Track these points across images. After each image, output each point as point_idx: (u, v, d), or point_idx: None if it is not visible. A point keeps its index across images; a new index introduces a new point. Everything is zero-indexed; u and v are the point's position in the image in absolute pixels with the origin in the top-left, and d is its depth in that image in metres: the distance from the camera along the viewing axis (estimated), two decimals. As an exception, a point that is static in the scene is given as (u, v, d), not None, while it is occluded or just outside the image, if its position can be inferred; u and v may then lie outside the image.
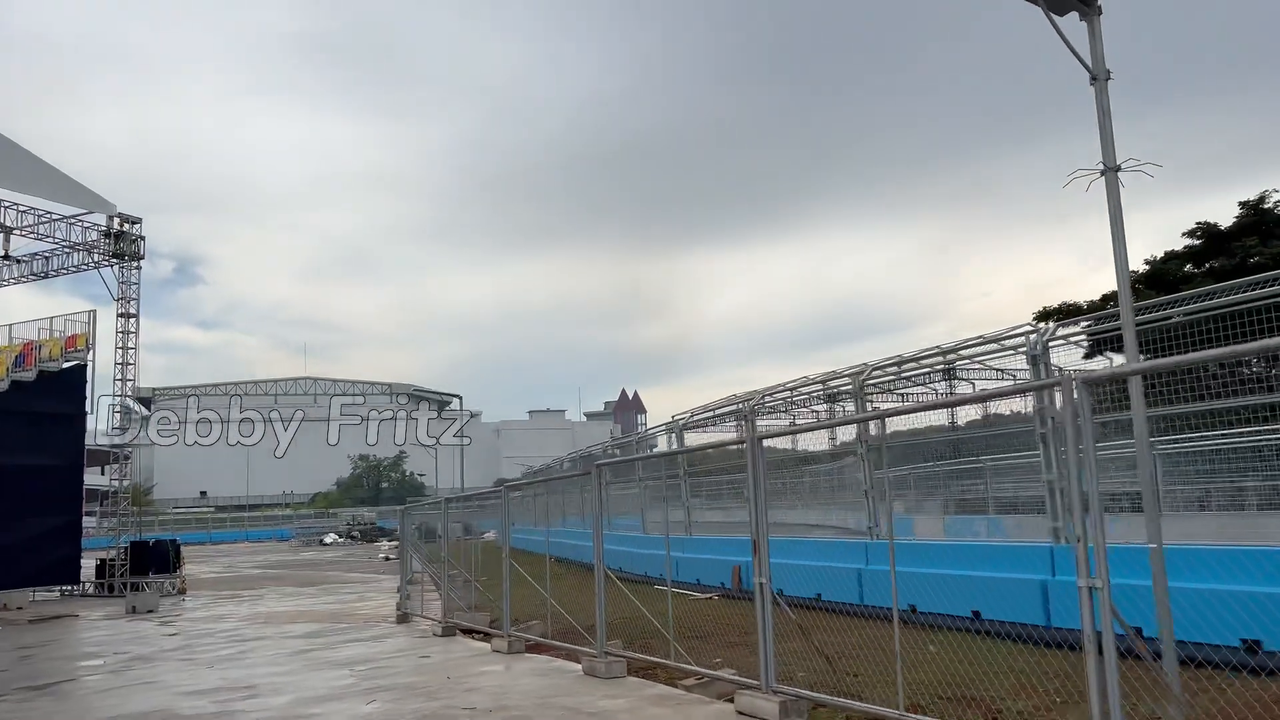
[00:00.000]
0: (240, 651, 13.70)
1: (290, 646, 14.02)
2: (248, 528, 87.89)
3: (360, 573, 33.33)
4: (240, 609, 21.11)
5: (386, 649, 13.31)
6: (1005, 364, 18.49)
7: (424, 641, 13.97)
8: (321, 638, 14.98)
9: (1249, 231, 25.99)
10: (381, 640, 14.35)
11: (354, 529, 68.90)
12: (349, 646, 13.71)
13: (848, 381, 16.75)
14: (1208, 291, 12.55)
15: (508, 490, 12.26)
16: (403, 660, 12.14)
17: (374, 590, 25.25)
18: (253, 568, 39.50)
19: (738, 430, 19.52)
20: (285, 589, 26.75)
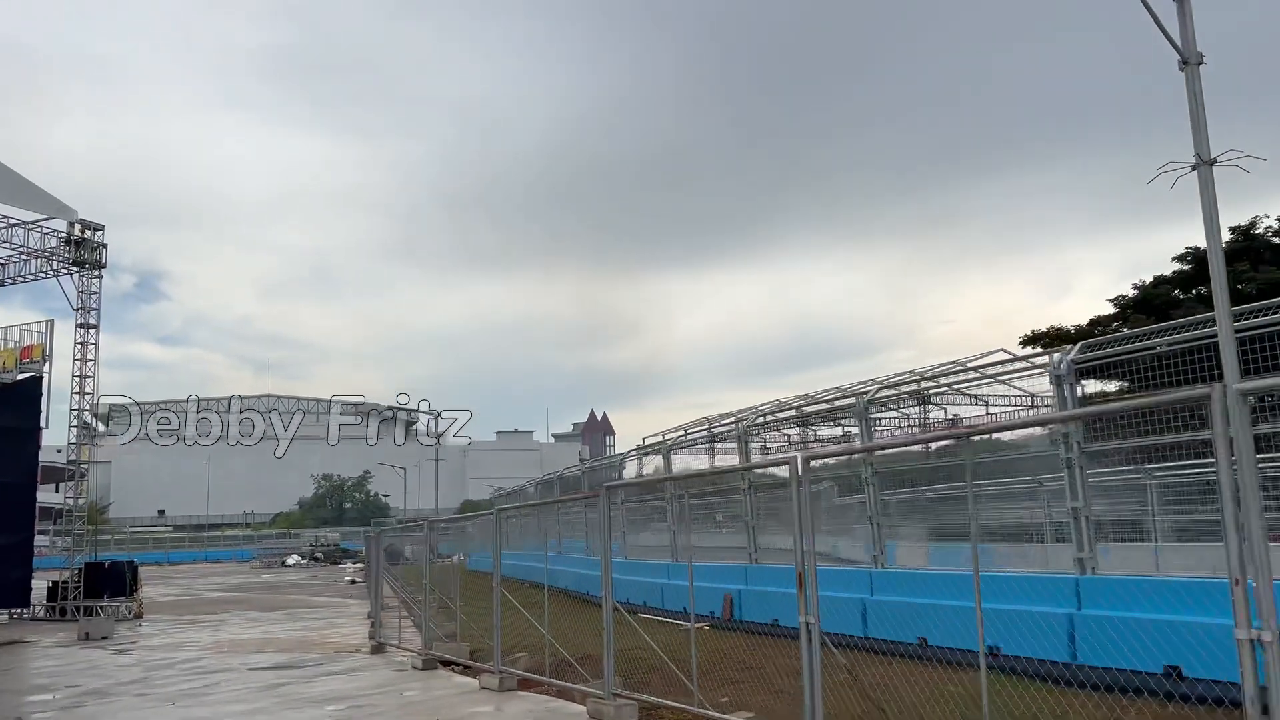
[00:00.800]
0: (204, 686, 12.67)
1: (258, 680, 13.01)
2: (207, 548, 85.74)
3: (326, 596, 32.12)
4: (201, 636, 19.97)
5: (364, 684, 12.34)
6: (980, 390, 18.09)
7: (403, 676, 13.02)
8: (291, 670, 13.97)
9: (1240, 257, 25.76)
10: (357, 674, 13.37)
11: (317, 550, 67.26)
12: (323, 681, 12.74)
13: (852, 400, 16.05)
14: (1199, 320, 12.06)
15: (500, 512, 11.36)
16: (383, 698, 11.20)
17: (342, 616, 24.16)
18: (213, 590, 38.07)
19: (739, 450, 18.73)
20: (248, 614, 25.56)
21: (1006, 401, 19.06)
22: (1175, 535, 16.11)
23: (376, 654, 15.43)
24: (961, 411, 20.27)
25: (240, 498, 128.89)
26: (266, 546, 71.74)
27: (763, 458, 18.36)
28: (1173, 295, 26.60)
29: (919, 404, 20.77)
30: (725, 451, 27.95)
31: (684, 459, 23.68)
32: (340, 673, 13.43)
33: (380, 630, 16.59)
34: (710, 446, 24.32)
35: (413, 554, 36.83)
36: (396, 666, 13.94)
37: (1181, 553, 14.03)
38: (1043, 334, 28.88)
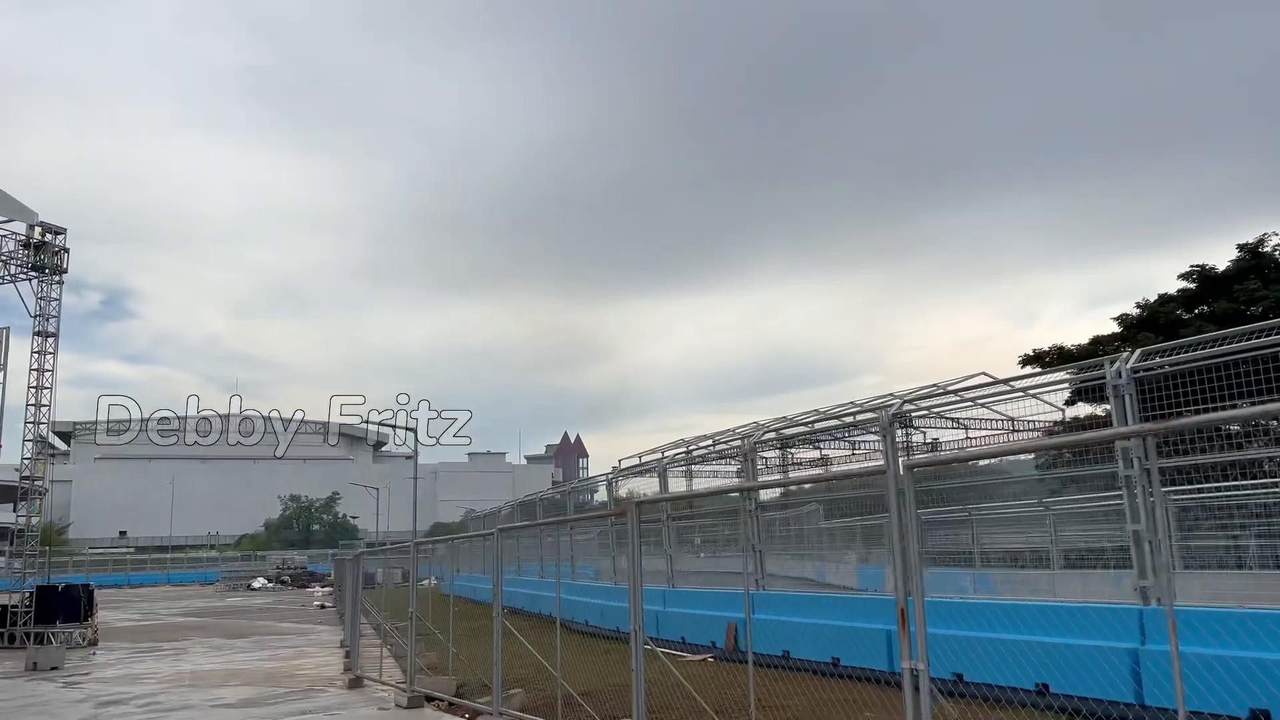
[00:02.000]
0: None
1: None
2: (170, 570, 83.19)
3: (294, 622, 30.54)
4: (160, 666, 18.47)
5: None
6: (960, 414, 17.24)
7: (387, 716, 11.70)
8: (260, 707, 12.61)
9: (1247, 274, 25.03)
10: (335, 714, 12.03)
11: (284, 573, 65.20)
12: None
13: (872, 415, 14.96)
14: (1213, 338, 11.14)
15: (500, 534, 10.12)
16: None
17: (313, 644, 22.67)
18: (175, 615, 36.29)
19: (742, 467, 17.55)
20: (212, 641, 24.01)
21: (989, 426, 18.21)
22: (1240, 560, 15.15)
23: (354, 688, 14.07)
24: (941, 435, 19.39)
25: (205, 519, 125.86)
26: (231, 569, 69.54)
27: (850, 466, 16.85)
28: (1177, 314, 25.81)
29: (902, 426, 19.79)
30: (701, 474, 26.80)
31: (667, 481, 22.39)
32: (315, 712, 12.09)
33: (357, 661, 15.23)
34: (688, 469, 23.23)
35: (383, 577, 35.36)
36: (378, 704, 12.61)
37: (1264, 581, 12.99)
38: (1045, 353, 28.00)
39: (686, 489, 20.72)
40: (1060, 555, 24.22)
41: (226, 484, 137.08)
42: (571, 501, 35.18)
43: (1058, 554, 21.17)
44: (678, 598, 19.44)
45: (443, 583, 33.00)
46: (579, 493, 41.82)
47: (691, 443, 31.93)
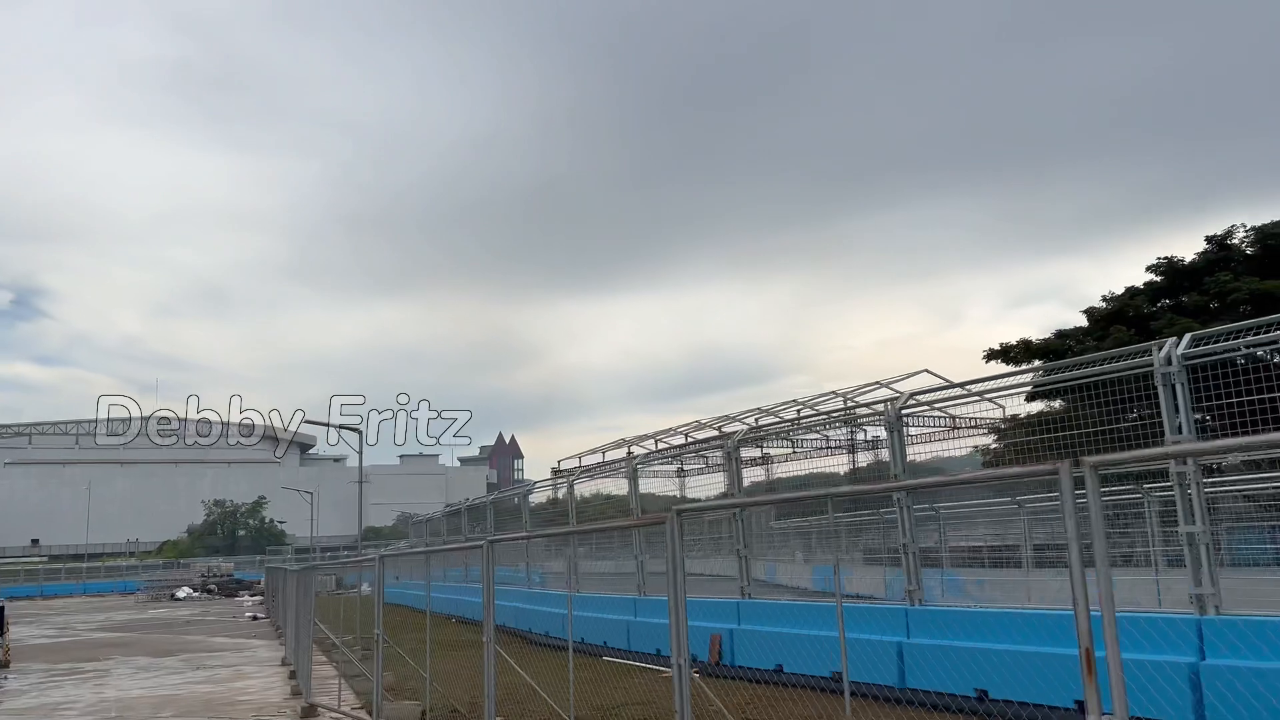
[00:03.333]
0: (87, 774, 9.72)
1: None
2: (86, 580, 79.32)
3: (227, 636, 28.60)
4: (82, 693, 16.66)
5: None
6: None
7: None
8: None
9: (1215, 267, 24.71)
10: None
11: (210, 581, 62.37)
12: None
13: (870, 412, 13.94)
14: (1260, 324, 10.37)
15: (491, 545, 8.79)
16: (336, 792, 8.48)
17: (250, 662, 20.95)
18: (94, 630, 33.93)
19: (727, 464, 16.40)
20: (138, 660, 22.10)
21: (927, 424, 17.58)
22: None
23: (308, 718, 12.56)
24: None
25: (123, 525, 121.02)
26: (153, 578, 66.32)
27: (1019, 468, 15.47)
28: (1148, 308, 25.42)
29: (845, 426, 19.00)
30: (651, 474, 25.67)
31: (638, 482, 21.13)
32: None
33: (309, 685, 13.70)
34: (634, 469, 22.12)
35: (318, 585, 33.35)
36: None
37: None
38: (1011, 347, 27.45)
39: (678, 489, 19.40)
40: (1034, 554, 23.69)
41: (145, 489, 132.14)
42: (525, 504, 33.72)
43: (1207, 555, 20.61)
44: (650, 607, 18.23)
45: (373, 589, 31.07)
46: (517, 495, 40.28)
47: (632, 442, 30.81)
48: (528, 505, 26.45)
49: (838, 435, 18.87)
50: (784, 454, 19.23)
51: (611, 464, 22.73)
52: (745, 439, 16.35)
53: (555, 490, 28.11)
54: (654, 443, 28.73)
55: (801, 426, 16.64)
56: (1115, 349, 11.27)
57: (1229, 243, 25.01)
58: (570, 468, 33.28)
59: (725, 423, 25.65)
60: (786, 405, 20.61)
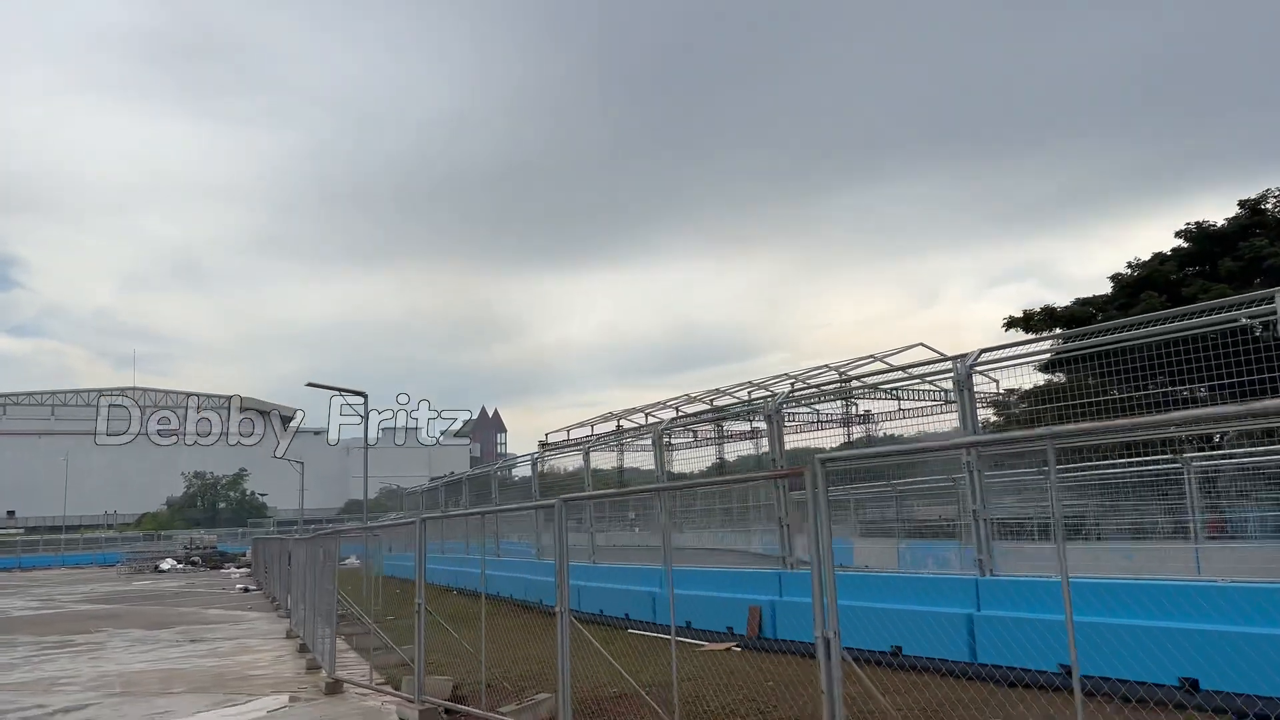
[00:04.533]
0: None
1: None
2: (64, 552, 77.94)
3: (220, 608, 27.64)
4: (78, 667, 15.70)
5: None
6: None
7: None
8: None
9: (1249, 232, 24.00)
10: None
11: (193, 553, 61.24)
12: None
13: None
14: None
15: (564, 504, 7.88)
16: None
17: (252, 635, 20.03)
18: (79, 601, 32.86)
19: (773, 433, 15.55)
20: (132, 633, 21.13)
21: (917, 397, 17.20)
22: None
23: (332, 694, 11.67)
24: (874, 406, 18.17)
25: (101, 497, 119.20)
26: (135, 550, 65.10)
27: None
28: (1176, 275, 24.69)
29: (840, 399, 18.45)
30: (643, 448, 24.90)
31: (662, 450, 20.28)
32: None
33: (332, 662, 12.78)
34: (659, 435, 21.35)
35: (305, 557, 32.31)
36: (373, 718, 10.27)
37: None
38: (1033, 314, 26.70)
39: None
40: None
41: (124, 461, 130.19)
42: (494, 479, 33.18)
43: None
44: (681, 578, 17.39)
45: (370, 563, 30.17)
46: (505, 469, 39.68)
47: (620, 415, 30.03)
48: (536, 477, 25.51)
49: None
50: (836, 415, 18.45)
51: (629, 432, 21.84)
52: (789, 399, 15.50)
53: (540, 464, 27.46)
54: (644, 416, 27.95)
55: (825, 396, 15.82)
56: (1192, 306, 10.43)
57: (1261, 208, 24.32)
58: (557, 441, 32.53)
59: (716, 396, 24.91)
60: (818, 370, 19.85)
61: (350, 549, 34.91)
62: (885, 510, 25.08)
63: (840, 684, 5.21)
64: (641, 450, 24.95)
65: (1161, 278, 24.74)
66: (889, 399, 18.66)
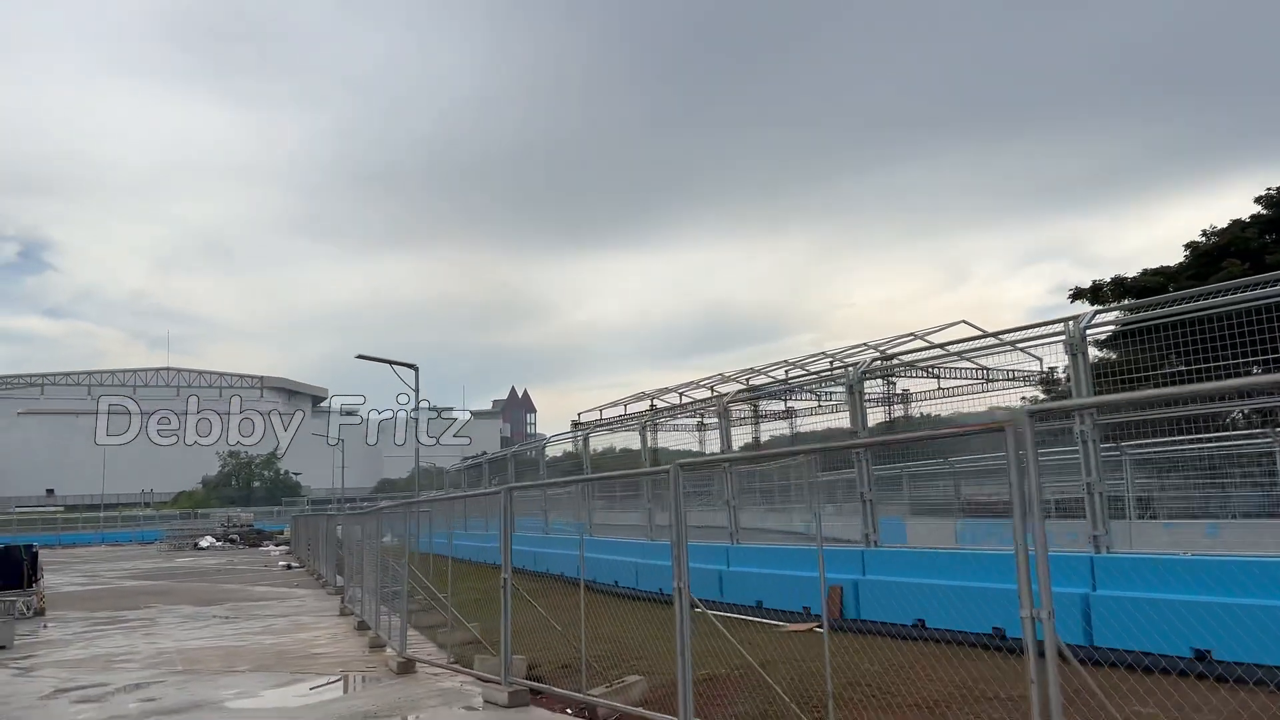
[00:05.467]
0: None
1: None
2: (103, 529, 78.55)
3: (267, 585, 27.31)
4: (134, 643, 15.28)
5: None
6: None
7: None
8: (304, 708, 9.63)
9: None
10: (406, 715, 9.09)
11: (231, 531, 61.38)
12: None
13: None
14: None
15: (680, 469, 7.20)
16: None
17: (304, 612, 19.60)
18: (124, 578, 32.73)
19: (853, 402, 14.79)
20: (181, 609, 20.77)
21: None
22: None
23: (406, 675, 11.11)
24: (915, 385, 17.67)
25: (137, 476, 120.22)
26: (173, 527, 65.35)
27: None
28: (1257, 242, 23.63)
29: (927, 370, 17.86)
30: (675, 428, 24.19)
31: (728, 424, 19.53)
32: (386, 716, 9.09)
33: (404, 641, 12.22)
34: (726, 407, 20.67)
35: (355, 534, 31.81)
36: (462, 701, 9.67)
37: None
38: (1102, 284, 25.70)
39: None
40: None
41: (161, 440, 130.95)
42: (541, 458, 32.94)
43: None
44: (747, 556, 16.74)
45: (416, 541, 29.72)
46: (533, 448, 39.32)
47: (654, 395, 29.31)
48: (588, 452, 24.91)
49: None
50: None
51: (696, 404, 21.14)
52: (872, 370, 14.76)
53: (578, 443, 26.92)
54: (678, 396, 27.24)
55: (920, 368, 15.03)
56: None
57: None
58: (590, 420, 31.93)
59: (751, 375, 24.17)
60: (856, 349, 19.05)
61: (390, 526, 34.51)
62: (938, 488, 24.35)
63: (1056, 675, 4.50)
64: (674, 430, 24.37)
65: (1242, 245, 23.69)
66: (929, 378, 18.04)
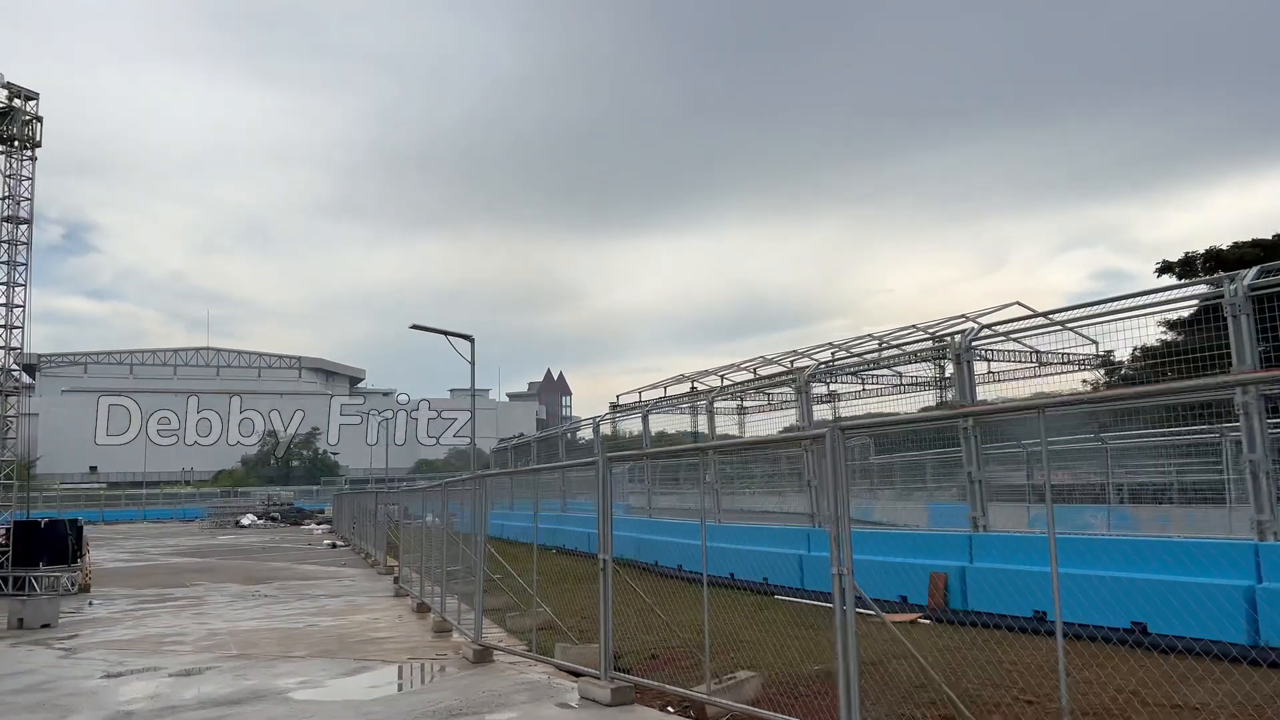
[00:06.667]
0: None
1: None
2: (145, 506, 78.88)
3: (314, 564, 26.55)
4: (183, 624, 14.44)
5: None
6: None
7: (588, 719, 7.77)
8: (379, 701, 8.65)
9: None
10: (502, 715, 8.05)
11: (273, 509, 61.12)
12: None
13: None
14: None
15: (840, 431, 6.08)
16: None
17: (356, 593, 18.72)
18: (169, 554, 32.18)
19: (961, 373, 13.66)
20: (228, 588, 19.98)
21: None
22: None
23: (482, 664, 10.09)
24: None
25: (178, 454, 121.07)
26: (215, 505, 65.26)
27: None
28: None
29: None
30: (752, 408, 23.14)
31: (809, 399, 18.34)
32: (467, 715, 8.07)
33: (480, 629, 11.20)
34: (806, 380, 19.62)
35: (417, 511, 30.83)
36: (553, 696, 8.63)
37: None
38: (1195, 256, 24.19)
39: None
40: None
41: (199, 419, 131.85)
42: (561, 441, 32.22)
43: (1267, 482, 17.98)
44: (825, 540, 15.60)
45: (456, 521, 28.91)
46: (569, 431, 38.60)
47: (693, 377, 28.19)
48: (648, 432, 23.86)
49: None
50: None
51: (766, 379, 20.02)
52: (979, 338, 13.54)
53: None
54: (719, 379, 26.15)
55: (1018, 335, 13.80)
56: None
57: None
58: (629, 403, 31.01)
59: (794, 357, 23.02)
60: (906, 330, 17.85)
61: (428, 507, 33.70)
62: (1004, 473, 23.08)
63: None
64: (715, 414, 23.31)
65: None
66: (1009, 359, 17.05)
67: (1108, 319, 12.67)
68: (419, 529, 16.93)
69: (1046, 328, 13.22)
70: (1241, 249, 23.66)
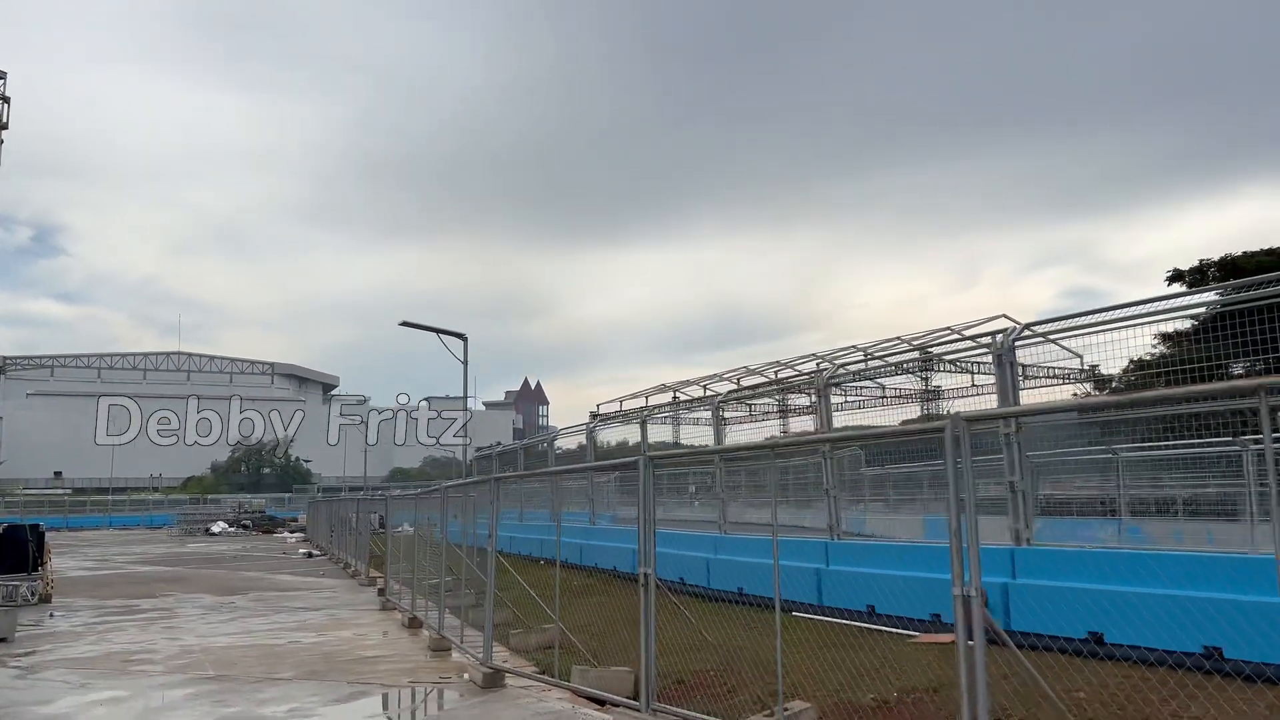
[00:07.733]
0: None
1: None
2: (111, 513, 76.72)
3: (290, 574, 25.28)
4: (152, 639, 13.25)
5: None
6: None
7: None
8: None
9: None
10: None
11: (244, 517, 59.49)
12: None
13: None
14: None
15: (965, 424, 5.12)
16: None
17: (339, 605, 17.56)
18: (136, 562, 30.74)
19: (1003, 376, 12.77)
20: (201, 599, 18.76)
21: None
22: None
23: (493, 689, 9.03)
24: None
25: (145, 460, 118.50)
26: (184, 512, 63.45)
27: None
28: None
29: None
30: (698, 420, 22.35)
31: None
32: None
33: (489, 650, 10.15)
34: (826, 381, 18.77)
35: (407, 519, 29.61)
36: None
37: None
38: (1210, 264, 23.54)
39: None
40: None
41: (167, 424, 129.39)
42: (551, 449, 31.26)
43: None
44: (848, 553, 14.66)
45: (434, 529, 27.77)
46: (544, 440, 37.66)
47: (674, 387, 27.36)
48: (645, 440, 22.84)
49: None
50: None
51: (789, 382, 19.13)
52: (1023, 339, 12.68)
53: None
54: (701, 388, 25.39)
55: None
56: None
57: None
58: (610, 412, 30.10)
59: (778, 368, 22.32)
60: (890, 341, 17.04)
61: (402, 516, 32.58)
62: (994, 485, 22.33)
63: None
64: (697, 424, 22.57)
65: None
66: (962, 372, 16.65)
67: (1154, 319, 11.85)
68: (410, 538, 15.83)
69: (1092, 328, 12.35)
70: (1256, 257, 23.03)
